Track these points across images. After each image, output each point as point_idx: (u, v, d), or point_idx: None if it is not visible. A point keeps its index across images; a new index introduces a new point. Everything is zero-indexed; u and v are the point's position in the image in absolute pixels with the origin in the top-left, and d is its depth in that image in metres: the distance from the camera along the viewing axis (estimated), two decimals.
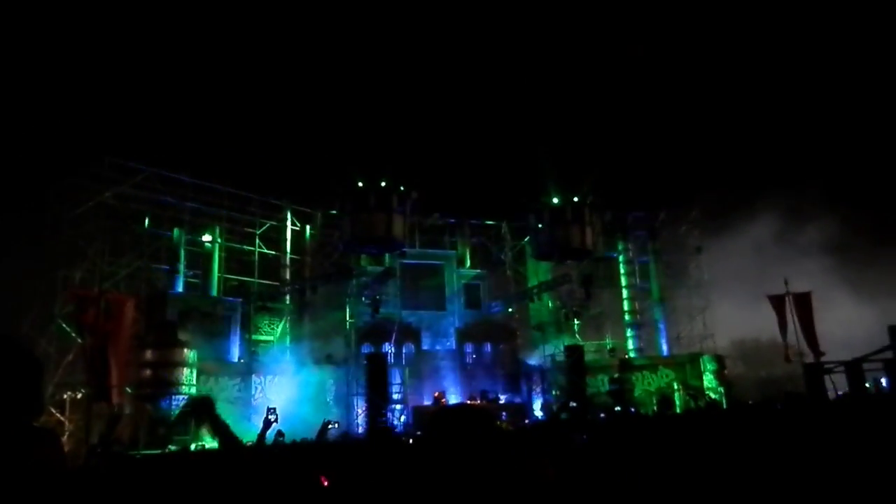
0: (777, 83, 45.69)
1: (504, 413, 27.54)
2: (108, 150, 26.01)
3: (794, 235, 34.42)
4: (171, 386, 22.97)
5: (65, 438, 21.66)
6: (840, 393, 21.18)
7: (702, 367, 30.06)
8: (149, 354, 23.35)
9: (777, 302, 27.58)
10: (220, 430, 5.51)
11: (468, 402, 25.90)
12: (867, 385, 22.62)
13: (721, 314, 32.60)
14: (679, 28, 48.99)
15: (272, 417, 8.13)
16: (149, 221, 27.51)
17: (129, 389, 23.23)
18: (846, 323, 28.57)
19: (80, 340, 23.11)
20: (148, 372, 23.11)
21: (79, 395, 23.24)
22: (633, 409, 25.59)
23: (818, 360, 25.55)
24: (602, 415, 24.17)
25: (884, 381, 24.15)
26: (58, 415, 23.19)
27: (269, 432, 8.15)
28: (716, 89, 49.68)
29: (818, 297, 27.64)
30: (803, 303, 27.27)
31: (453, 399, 28.31)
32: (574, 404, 24.06)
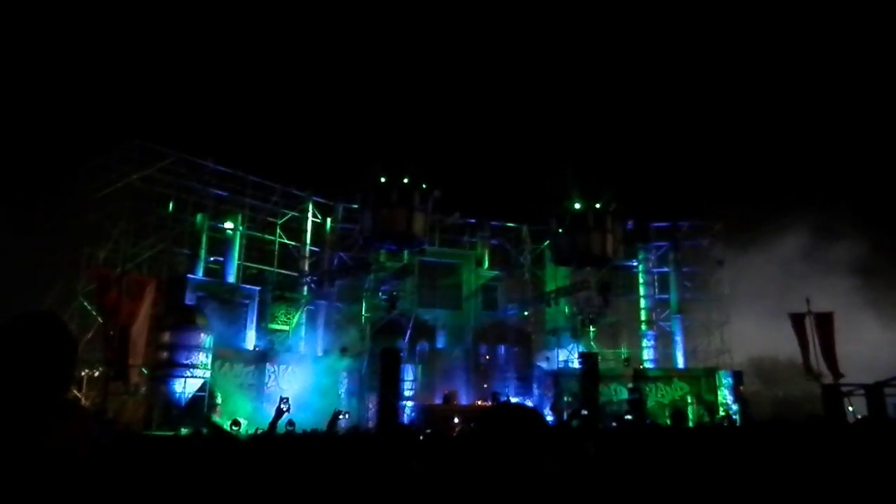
0: (813, 102, 44.98)
1: None
2: (138, 132, 26.38)
3: (819, 254, 33.86)
4: (187, 369, 23.19)
5: None
6: (859, 417, 20.81)
7: (717, 381, 29.73)
8: (166, 336, 23.61)
9: (798, 320, 27.13)
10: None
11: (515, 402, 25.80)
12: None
13: (739, 330, 32.19)
14: (715, 42, 48.47)
15: (284, 406, 8.16)
16: (173, 205, 27.80)
17: (145, 370, 23.53)
18: (870, 345, 28.05)
19: (100, 319, 23.43)
20: (165, 354, 23.36)
21: (96, 373, 23.57)
22: (648, 420, 25.36)
23: (837, 381, 25.12)
24: (614, 423, 24.00)
25: None
26: (74, 391, 23.55)
27: (280, 421, 8.17)
28: (749, 104, 49.07)
29: (841, 318, 27.13)
30: (825, 323, 26.77)
31: (464, 399, 28.31)
32: (585, 412, 23.91)
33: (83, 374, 24.21)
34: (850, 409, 24.78)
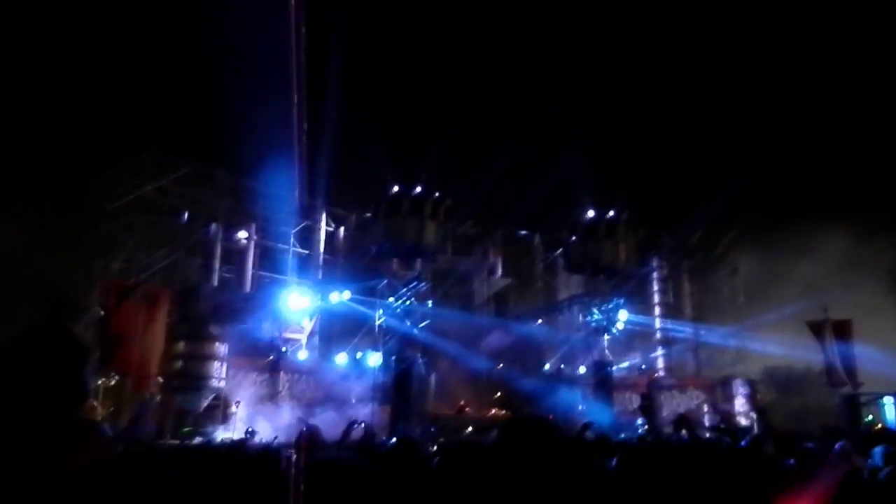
0: (835, 103, 44.37)
1: None
2: (150, 143, 26.65)
3: (837, 261, 33.35)
4: (201, 379, 23.31)
5: None
6: (878, 427, 20.49)
7: (733, 390, 29.45)
8: (181, 347, 23.74)
9: (816, 328, 26.78)
10: None
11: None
12: None
13: (755, 338, 31.84)
14: (727, 43, 48.20)
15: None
16: (186, 216, 28.03)
17: (160, 380, 23.68)
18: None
19: (115, 329, 23.58)
20: (179, 364, 23.48)
21: (112, 383, 23.72)
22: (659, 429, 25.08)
23: (856, 391, 24.78)
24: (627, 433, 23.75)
25: None
26: (91, 401, 23.71)
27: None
28: (766, 107, 48.69)
29: (863, 325, 26.65)
30: (843, 330, 26.41)
31: (476, 409, 28.18)
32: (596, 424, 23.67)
33: (99, 383, 24.38)
34: (870, 418, 24.43)
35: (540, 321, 33.16)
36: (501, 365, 30.39)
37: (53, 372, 2.21)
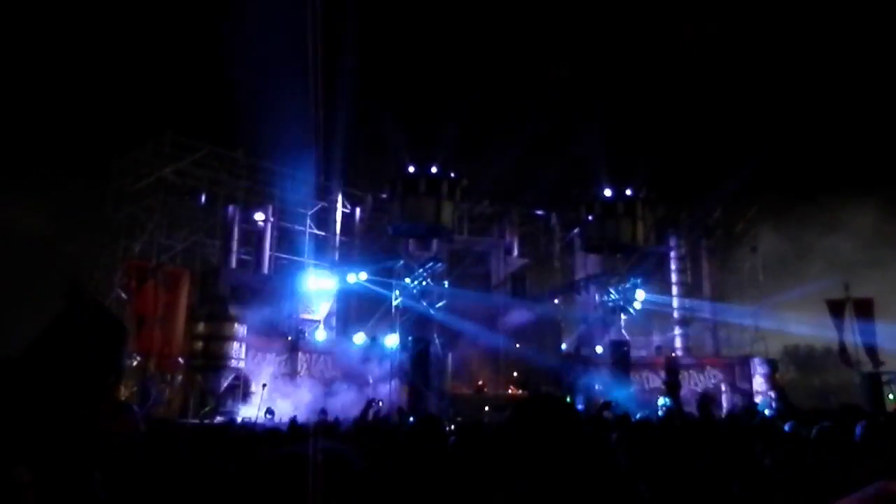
0: (857, 80, 43.50)
1: None
2: (169, 125, 26.83)
3: (862, 237, 32.89)
4: (221, 359, 23.64)
5: None
6: None
7: (752, 370, 29.31)
8: (201, 327, 24.06)
9: (835, 306, 26.51)
10: None
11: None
12: None
13: (774, 317, 31.61)
14: (753, 16, 47.22)
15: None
16: (205, 198, 28.25)
17: (181, 360, 24.07)
18: None
19: (137, 310, 23.97)
20: (200, 344, 23.82)
21: (134, 364, 24.15)
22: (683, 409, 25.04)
23: (877, 369, 24.55)
24: (646, 412, 23.75)
25: None
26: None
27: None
28: (788, 83, 47.79)
29: (889, 303, 26.30)
30: (864, 308, 26.12)
31: (494, 388, 28.33)
32: (616, 403, 23.69)
33: None
34: (891, 397, 24.23)
35: (557, 301, 33.12)
36: (519, 345, 30.45)
37: (95, 351, 2.26)
